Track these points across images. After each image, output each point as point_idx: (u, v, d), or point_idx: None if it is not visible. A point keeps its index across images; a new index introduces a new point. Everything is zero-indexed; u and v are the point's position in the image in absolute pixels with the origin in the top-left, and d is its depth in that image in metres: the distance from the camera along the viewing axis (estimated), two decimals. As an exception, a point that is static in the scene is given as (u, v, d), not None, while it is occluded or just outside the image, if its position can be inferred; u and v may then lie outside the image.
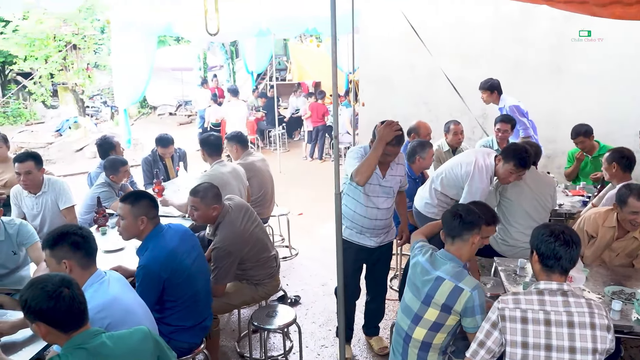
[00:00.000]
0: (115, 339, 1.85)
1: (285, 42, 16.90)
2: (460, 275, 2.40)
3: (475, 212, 2.55)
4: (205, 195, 3.25)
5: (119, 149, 4.97)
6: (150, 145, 5.70)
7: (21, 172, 3.81)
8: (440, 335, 2.46)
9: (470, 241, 2.49)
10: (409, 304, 2.57)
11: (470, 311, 2.35)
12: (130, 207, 2.78)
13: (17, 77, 17.96)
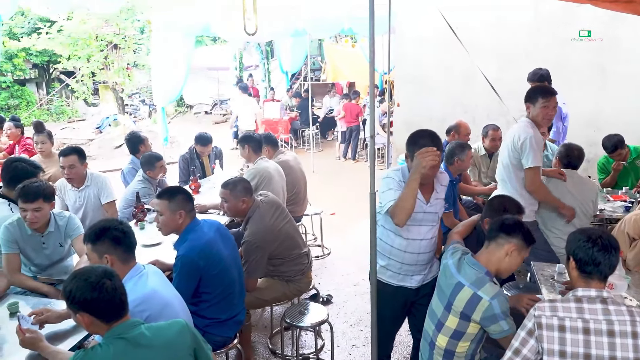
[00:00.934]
0: (153, 330, 1.90)
1: (320, 42, 16.95)
2: (480, 283, 2.30)
3: (524, 227, 2.39)
4: (234, 187, 3.33)
5: (147, 143, 5.09)
6: (187, 143, 5.81)
7: (65, 166, 3.96)
8: (463, 344, 2.39)
9: (504, 249, 2.36)
10: (434, 308, 2.53)
11: (491, 319, 2.27)
12: (168, 202, 2.84)
13: (60, 75, 18.58)
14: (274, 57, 15.26)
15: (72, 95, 18.17)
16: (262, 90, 14.32)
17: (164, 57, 8.84)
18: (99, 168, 8.30)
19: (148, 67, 15.02)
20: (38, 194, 3.04)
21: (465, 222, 3.03)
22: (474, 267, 2.37)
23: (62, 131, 13.26)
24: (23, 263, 3.23)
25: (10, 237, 3.12)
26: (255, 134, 4.77)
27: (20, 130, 6.23)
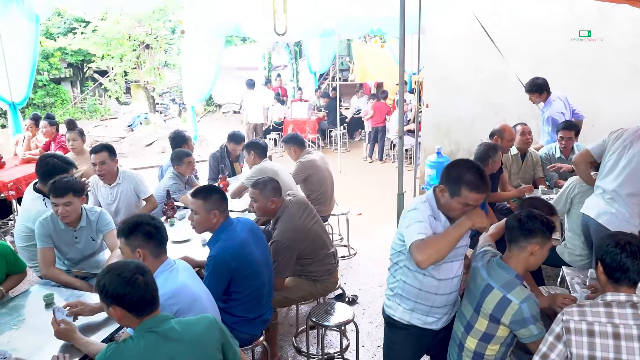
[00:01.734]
0: (183, 325, 1.94)
1: (348, 43, 16.93)
2: (510, 285, 2.26)
3: (540, 220, 2.34)
4: (264, 187, 3.35)
5: (190, 143, 5.19)
6: (215, 142, 5.88)
7: (96, 163, 4.07)
8: (493, 346, 2.35)
9: (527, 250, 2.31)
10: (463, 310, 2.49)
11: (520, 323, 2.22)
12: (203, 202, 2.87)
13: (94, 74, 19.03)
14: (303, 57, 15.32)
15: (105, 93, 18.59)
16: (290, 90, 14.37)
17: (195, 57, 8.98)
18: (130, 165, 8.49)
19: (179, 67, 15.27)
20: (68, 188, 3.14)
21: (498, 224, 2.98)
22: (503, 269, 2.33)
23: (95, 129, 13.58)
24: (57, 257, 3.34)
25: (44, 232, 3.23)
26: (260, 140, 4.80)
27: (55, 128, 6.41)
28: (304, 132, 10.87)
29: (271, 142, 11.50)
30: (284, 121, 11.27)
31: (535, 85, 5.08)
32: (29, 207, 3.65)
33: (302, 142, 5.06)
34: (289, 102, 12.57)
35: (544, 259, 2.41)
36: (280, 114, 11.45)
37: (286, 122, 11.20)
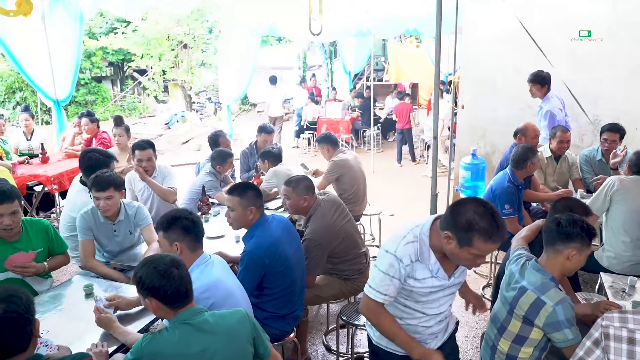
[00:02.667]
0: (216, 317, 1.98)
1: (384, 43, 16.88)
2: (544, 288, 2.22)
3: (580, 225, 2.30)
4: (297, 185, 3.38)
5: (228, 143, 5.29)
6: (250, 140, 5.95)
7: (143, 159, 4.19)
8: (526, 349, 2.31)
9: (564, 255, 2.27)
10: (497, 312, 2.46)
11: (555, 326, 2.18)
12: (239, 198, 2.91)
13: (133, 73, 19.54)
14: (337, 57, 15.35)
15: (144, 92, 19.07)
16: (324, 90, 14.41)
17: (231, 57, 9.12)
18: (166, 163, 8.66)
19: (215, 66, 15.52)
20: (109, 183, 3.24)
21: (531, 226, 2.93)
22: (539, 272, 2.29)
23: (134, 126, 13.91)
24: (97, 249, 3.46)
25: (85, 224, 3.35)
26: (274, 149, 4.81)
27: (96, 125, 6.61)
28: (337, 132, 10.88)
29: (304, 142, 11.57)
30: (317, 121, 11.31)
31: (539, 76, 5.06)
32: (74, 199, 3.81)
33: (336, 142, 5.08)
34: (323, 101, 12.61)
35: (581, 265, 2.36)
36: (314, 114, 11.50)
37: (320, 121, 11.24)
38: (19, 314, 1.62)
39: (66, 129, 7.50)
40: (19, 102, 16.34)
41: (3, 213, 2.76)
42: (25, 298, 1.68)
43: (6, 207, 2.75)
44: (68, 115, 9.22)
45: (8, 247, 2.88)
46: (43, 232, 3.04)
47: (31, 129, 6.93)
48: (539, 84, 5.10)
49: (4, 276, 2.88)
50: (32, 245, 2.96)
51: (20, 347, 1.64)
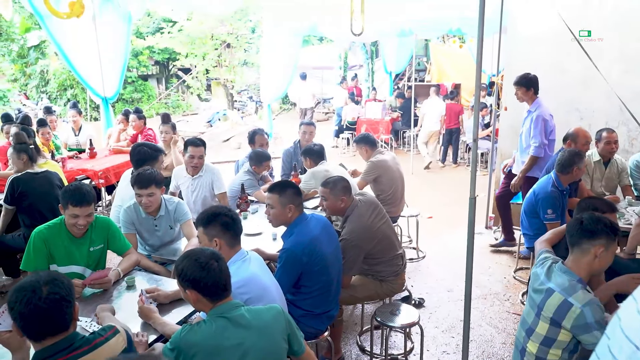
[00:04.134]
0: (252, 313, 2.02)
1: (426, 43, 16.69)
2: (571, 289, 2.18)
3: (603, 221, 2.27)
4: (334, 186, 3.39)
5: (266, 141, 5.36)
6: (290, 139, 6.01)
7: (195, 156, 4.33)
8: (554, 351, 2.26)
9: (591, 253, 2.24)
10: (525, 315, 2.45)
11: (584, 329, 2.13)
12: (279, 196, 2.96)
13: (178, 72, 20.01)
14: (379, 57, 15.27)
15: (188, 90, 19.51)
16: (365, 90, 14.37)
17: (273, 56, 9.22)
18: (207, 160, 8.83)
19: (257, 65, 15.72)
20: (151, 180, 3.35)
21: (555, 229, 2.89)
22: (565, 274, 2.27)
23: (177, 124, 14.21)
24: (139, 243, 3.58)
25: (128, 219, 3.48)
26: (315, 146, 4.81)
27: (143, 122, 6.82)
28: (377, 133, 10.85)
29: (343, 142, 11.57)
30: (357, 121, 11.29)
31: (524, 79, 4.91)
32: (124, 192, 3.96)
33: (374, 142, 5.06)
34: (363, 102, 12.57)
35: (609, 263, 2.31)
36: (353, 114, 11.49)
37: (359, 121, 11.22)
38: (61, 296, 1.71)
39: (112, 126, 7.76)
40: (69, 99, 17.02)
41: (80, 215, 2.91)
42: (67, 282, 1.79)
43: (85, 209, 2.91)
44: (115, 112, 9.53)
45: (74, 244, 3.03)
46: (105, 229, 3.16)
47: (79, 125, 7.22)
48: (524, 87, 4.93)
49: (68, 270, 3.02)
50: (92, 242, 3.10)
51: (61, 327, 1.74)
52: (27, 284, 1.70)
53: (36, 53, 16.75)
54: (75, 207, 2.89)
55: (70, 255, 3.03)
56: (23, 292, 1.67)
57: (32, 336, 1.73)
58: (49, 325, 1.71)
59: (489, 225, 6.16)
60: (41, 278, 1.72)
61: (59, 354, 1.72)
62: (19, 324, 1.69)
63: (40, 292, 1.67)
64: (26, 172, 4.33)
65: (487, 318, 4.17)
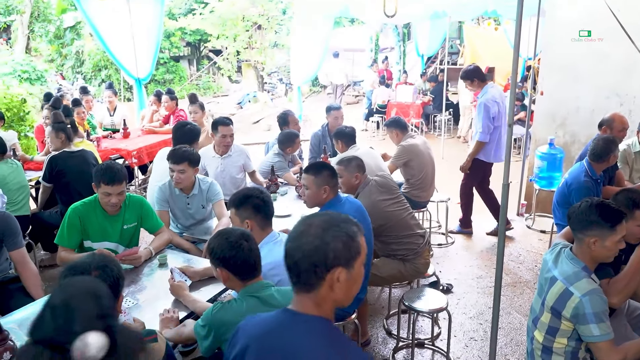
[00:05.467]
0: (282, 293, 2.04)
1: (460, 25, 16.29)
2: (574, 277, 2.14)
3: (598, 210, 2.18)
4: (348, 163, 3.41)
5: (297, 123, 5.36)
6: (319, 122, 6.00)
7: (227, 135, 4.39)
8: (560, 340, 2.22)
9: (585, 243, 2.18)
10: (533, 303, 2.43)
11: (580, 319, 2.09)
12: (314, 177, 2.98)
13: (209, 53, 20.11)
14: (411, 40, 15.01)
15: (218, 72, 19.61)
16: (396, 73, 14.18)
17: (303, 38, 9.17)
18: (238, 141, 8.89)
19: (287, 47, 15.67)
20: (184, 157, 3.41)
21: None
22: (571, 261, 2.22)
23: (208, 105, 14.34)
24: (172, 220, 3.65)
25: (162, 196, 3.55)
26: (347, 129, 4.76)
27: (175, 103, 6.90)
28: (407, 116, 10.73)
29: (373, 125, 11.49)
30: (387, 104, 11.18)
31: (466, 72, 5.22)
32: (158, 169, 4.08)
33: (405, 126, 5.00)
34: (394, 85, 12.42)
35: (614, 252, 2.21)
36: (384, 97, 11.37)
37: (390, 105, 11.10)
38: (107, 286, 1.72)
39: (145, 107, 7.89)
40: (103, 80, 17.34)
41: (112, 193, 2.99)
42: (117, 271, 1.81)
43: (116, 188, 2.99)
44: (148, 92, 9.67)
45: (107, 221, 3.12)
46: (138, 207, 3.24)
47: (114, 105, 7.35)
48: (468, 79, 5.19)
49: (101, 245, 3.11)
50: (126, 220, 3.18)
51: None
52: (79, 266, 1.73)
53: (72, 34, 17.07)
54: (107, 186, 2.96)
55: (104, 232, 3.12)
56: (72, 273, 1.70)
57: None
58: None
59: (521, 212, 6.06)
60: (93, 262, 1.75)
61: None
62: None
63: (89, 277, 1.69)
64: (63, 150, 4.45)
65: (516, 306, 4.12)
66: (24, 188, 4.35)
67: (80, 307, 0.75)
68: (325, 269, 1.26)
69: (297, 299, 1.32)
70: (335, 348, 1.27)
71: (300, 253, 1.27)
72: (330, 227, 1.28)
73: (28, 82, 13.19)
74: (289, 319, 1.32)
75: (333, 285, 1.27)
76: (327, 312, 1.31)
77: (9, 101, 6.86)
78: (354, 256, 1.28)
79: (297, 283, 1.31)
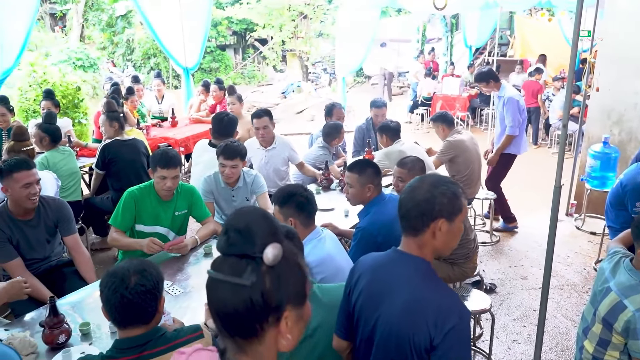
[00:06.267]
0: (323, 290, 2.04)
1: (511, 15, 15.78)
2: (630, 290, 2.04)
3: None
4: (413, 167, 3.31)
5: (342, 114, 5.34)
6: (363, 113, 5.95)
7: (260, 127, 4.41)
8: (612, 353, 2.13)
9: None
10: (585, 313, 2.33)
11: (632, 333, 1.99)
12: (358, 176, 2.96)
13: (255, 42, 20.26)
14: (459, 30, 14.66)
15: (264, 61, 19.74)
16: (442, 65, 13.89)
17: (349, 29, 9.10)
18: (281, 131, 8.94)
19: (332, 36, 15.61)
20: (237, 152, 3.46)
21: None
22: (629, 272, 2.11)
23: (252, 94, 14.52)
24: (216, 211, 3.71)
25: (208, 188, 3.62)
26: (392, 123, 4.66)
27: (223, 93, 7.00)
28: (453, 109, 10.51)
29: (417, 117, 11.32)
30: (433, 97, 10.98)
31: (480, 75, 5.28)
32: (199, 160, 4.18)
33: (451, 121, 4.90)
34: (440, 77, 12.18)
35: None
36: (429, 89, 11.17)
37: (435, 97, 10.90)
38: (147, 289, 1.74)
39: (193, 96, 8.03)
40: (152, 67, 17.77)
41: (167, 176, 3.09)
42: (156, 274, 1.81)
43: (171, 171, 3.09)
44: (195, 81, 9.85)
45: (161, 206, 3.22)
46: (189, 195, 3.33)
47: (162, 93, 7.53)
48: (483, 82, 5.21)
49: (153, 229, 3.22)
50: (177, 206, 3.28)
51: (142, 319, 1.76)
52: (119, 271, 1.74)
53: (123, 22, 17.53)
54: (163, 169, 3.07)
55: (156, 217, 3.22)
56: (113, 279, 1.72)
57: (116, 322, 1.77)
58: (131, 315, 1.74)
59: (570, 212, 5.86)
60: (132, 266, 1.75)
61: (133, 349, 1.73)
62: (106, 308, 1.75)
63: (129, 281, 1.71)
64: (115, 139, 4.60)
65: (563, 310, 4.00)
66: (75, 174, 4.52)
67: (260, 226, 1.01)
68: (430, 218, 1.53)
69: (405, 242, 1.63)
70: (428, 282, 1.56)
71: (412, 203, 1.56)
72: (439, 185, 1.55)
73: (82, 69, 13.67)
74: (396, 256, 1.65)
75: (435, 233, 1.54)
76: (427, 255, 1.59)
77: (65, 89, 7.12)
78: (455, 212, 1.55)
79: (406, 227, 1.60)
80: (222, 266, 0.99)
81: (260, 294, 0.96)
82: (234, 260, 0.99)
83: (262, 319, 0.98)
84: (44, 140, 4.37)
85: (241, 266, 0.97)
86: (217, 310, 1.00)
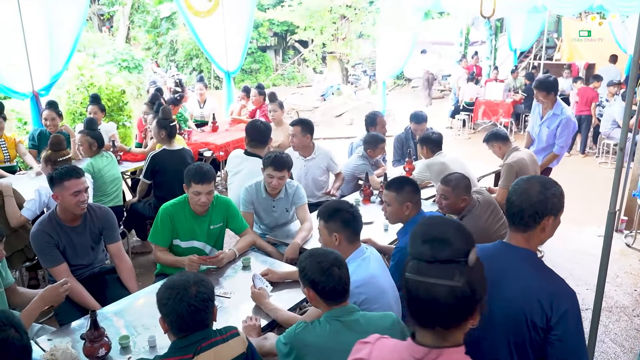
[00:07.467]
0: (367, 319, 2.00)
1: (558, 18, 15.27)
2: None
3: None
4: (457, 185, 3.23)
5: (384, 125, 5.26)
6: (402, 117, 5.84)
7: (290, 135, 4.46)
8: None
9: None
10: None
11: None
12: (395, 194, 2.91)
13: (295, 44, 20.34)
14: (503, 33, 14.28)
15: (304, 63, 19.79)
16: (485, 69, 13.55)
17: (391, 32, 8.98)
18: (320, 135, 8.90)
19: (373, 38, 15.48)
20: (286, 164, 3.47)
21: None
22: None
23: (292, 96, 14.53)
24: (255, 222, 3.71)
25: (248, 197, 3.62)
26: (434, 134, 4.49)
27: (263, 98, 7.03)
28: (496, 115, 10.27)
29: (459, 123, 11.09)
30: (475, 101, 10.73)
31: (544, 83, 4.80)
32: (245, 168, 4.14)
33: (505, 137, 4.55)
34: (483, 81, 11.88)
35: None
36: (472, 94, 10.91)
37: (477, 102, 10.65)
38: (208, 296, 1.86)
39: (233, 101, 8.11)
40: (194, 68, 18.09)
41: (202, 192, 3.09)
42: (210, 284, 1.92)
43: (205, 187, 3.09)
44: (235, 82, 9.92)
45: (195, 221, 3.22)
46: (224, 209, 3.33)
47: (204, 98, 7.62)
48: (544, 91, 4.75)
49: (189, 244, 3.23)
50: (212, 220, 3.28)
51: (203, 324, 1.87)
52: (178, 283, 1.85)
53: (167, 24, 17.91)
54: (198, 185, 3.06)
55: (192, 232, 3.22)
56: (176, 290, 1.82)
57: (181, 330, 1.83)
58: (197, 321, 1.84)
59: (620, 229, 5.60)
60: (190, 278, 1.87)
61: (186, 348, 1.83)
62: (171, 318, 1.83)
63: (191, 290, 1.82)
64: (163, 149, 4.66)
65: (612, 334, 3.82)
66: (117, 180, 4.61)
67: (456, 234, 1.25)
68: (542, 216, 1.74)
69: (512, 236, 1.81)
70: (539, 272, 1.75)
71: (528, 203, 1.74)
72: (550, 187, 1.77)
73: (127, 70, 14.01)
74: (506, 248, 1.82)
75: (545, 228, 1.76)
76: (533, 247, 1.79)
77: (110, 92, 7.29)
78: (560, 209, 1.78)
79: (517, 224, 1.78)
80: (429, 271, 1.19)
81: (470, 290, 1.17)
82: (439, 265, 1.18)
83: (471, 310, 1.20)
84: (93, 146, 4.46)
85: (450, 270, 1.18)
86: (427, 308, 1.19)
